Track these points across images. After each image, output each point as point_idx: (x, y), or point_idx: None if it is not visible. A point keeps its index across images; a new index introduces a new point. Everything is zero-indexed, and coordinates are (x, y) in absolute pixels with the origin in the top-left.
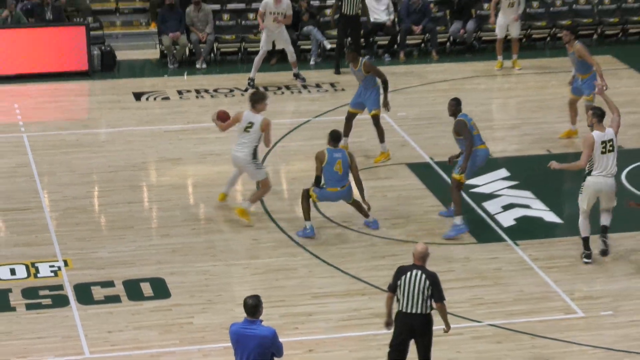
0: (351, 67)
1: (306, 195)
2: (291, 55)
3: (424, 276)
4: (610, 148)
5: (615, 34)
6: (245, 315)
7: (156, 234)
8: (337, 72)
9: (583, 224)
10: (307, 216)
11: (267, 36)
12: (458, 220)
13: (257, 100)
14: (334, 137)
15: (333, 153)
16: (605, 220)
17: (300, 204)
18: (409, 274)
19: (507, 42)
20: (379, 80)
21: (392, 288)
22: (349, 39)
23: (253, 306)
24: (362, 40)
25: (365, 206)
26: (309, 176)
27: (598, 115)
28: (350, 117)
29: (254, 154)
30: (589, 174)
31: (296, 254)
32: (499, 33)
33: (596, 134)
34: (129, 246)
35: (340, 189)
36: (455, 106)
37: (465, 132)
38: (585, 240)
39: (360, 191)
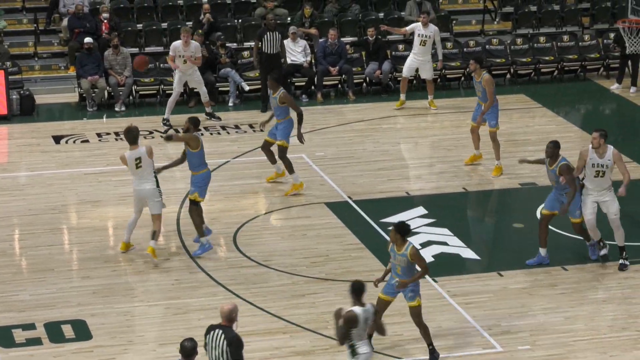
0: (270, 93)
1: (194, 208)
2: (204, 96)
3: (223, 336)
4: (602, 174)
5: (528, 73)
6: (180, 357)
7: (77, 275)
8: (264, 111)
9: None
10: (201, 232)
11: (179, 77)
12: (543, 251)
13: (135, 136)
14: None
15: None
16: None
17: (192, 219)
18: (212, 333)
19: (423, 81)
20: (293, 114)
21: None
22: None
23: (191, 348)
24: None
25: None
26: (229, 216)
27: (604, 136)
28: (264, 146)
29: (157, 184)
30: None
31: (217, 293)
32: (406, 73)
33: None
34: (50, 288)
35: None
36: (552, 149)
37: (568, 175)
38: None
39: None
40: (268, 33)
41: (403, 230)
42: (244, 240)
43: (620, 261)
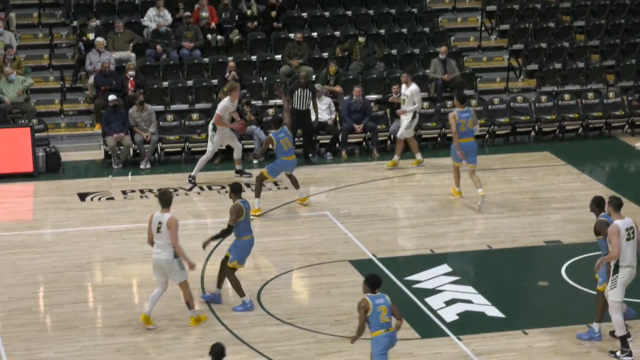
0: None
1: (231, 272)
2: (238, 152)
3: None
4: (632, 235)
5: (553, 131)
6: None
7: (101, 333)
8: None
9: (620, 321)
10: (241, 292)
11: (222, 136)
12: (597, 326)
13: (167, 200)
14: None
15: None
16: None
17: (230, 282)
18: None
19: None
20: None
21: None
22: (300, 132)
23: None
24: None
25: None
26: (253, 274)
27: (614, 204)
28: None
29: (174, 254)
30: (618, 265)
31: (241, 351)
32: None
33: (619, 222)
34: (74, 346)
35: None
36: (592, 205)
37: (604, 232)
38: (624, 339)
39: None
40: (299, 89)
41: (370, 283)
42: (267, 298)
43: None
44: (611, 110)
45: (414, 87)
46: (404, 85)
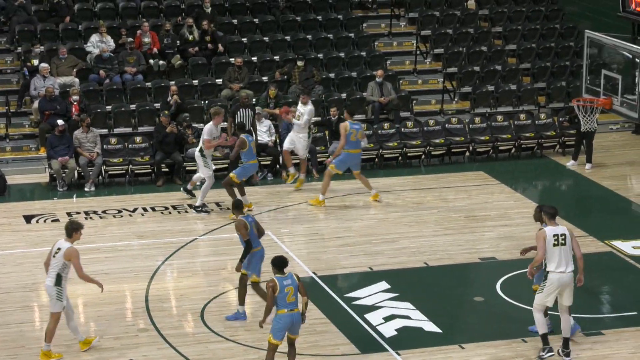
0: None
1: (257, 286)
2: (199, 175)
3: None
4: (563, 241)
5: (486, 151)
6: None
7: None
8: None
9: (541, 320)
10: (241, 301)
11: (210, 161)
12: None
13: (72, 230)
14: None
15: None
16: (565, 329)
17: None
18: None
19: (384, 159)
20: None
21: None
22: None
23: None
24: None
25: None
26: (196, 292)
27: (549, 213)
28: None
29: (57, 281)
30: (548, 271)
31: None
32: (285, 146)
33: (548, 228)
34: None
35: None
36: (537, 212)
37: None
38: (545, 337)
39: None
40: (241, 109)
41: (276, 264)
42: (211, 316)
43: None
44: (543, 131)
45: (310, 107)
46: (301, 105)
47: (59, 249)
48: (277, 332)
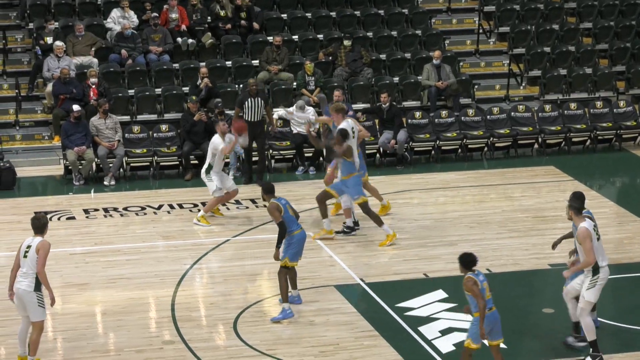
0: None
1: (284, 272)
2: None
3: None
4: (598, 234)
5: (558, 143)
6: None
7: None
8: (249, 182)
9: (590, 325)
10: (285, 297)
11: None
12: None
13: (41, 226)
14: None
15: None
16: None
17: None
18: None
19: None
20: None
21: None
22: (255, 145)
23: None
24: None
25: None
26: (229, 300)
27: (575, 208)
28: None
29: (37, 286)
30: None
31: None
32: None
33: (587, 223)
34: None
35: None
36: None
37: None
38: (595, 343)
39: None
40: (250, 99)
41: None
42: (245, 328)
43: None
44: (622, 121)
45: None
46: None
47: (28, 246)
48: (477, 336)
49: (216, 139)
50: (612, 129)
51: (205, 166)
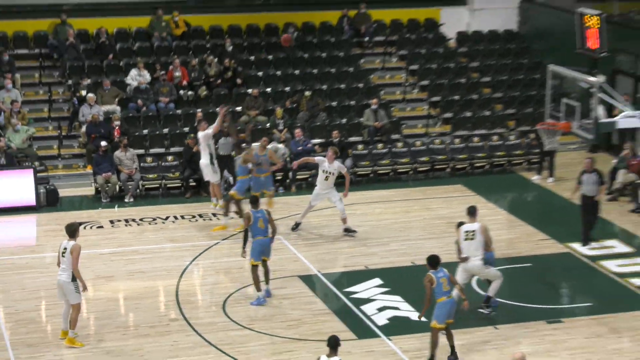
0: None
1: (252, 269)
2: (342, 212)
3: None
4: (471, 237)
5: (464, 167)
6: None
7: (93, 339)
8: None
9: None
10: (258, 287)
11: (317, 194)
12: None
13: (73, 231)
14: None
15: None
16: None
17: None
18: None
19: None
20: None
21: None
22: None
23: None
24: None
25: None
26: (219, 288)
27: (468, 211)
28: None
29: (73, 277)
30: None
31: (209, 352)
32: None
33: (463, 226)
34: (72, 350)
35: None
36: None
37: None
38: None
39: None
40: (222, 138)
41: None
42: (231, 308)
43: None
44: (512, 150)
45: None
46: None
47: (65, 248)
48: (441, 317)
49: (200, 133)
50: (505, 157)
51: (207, 157)
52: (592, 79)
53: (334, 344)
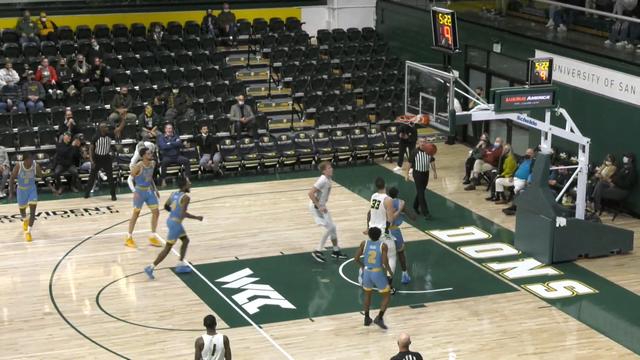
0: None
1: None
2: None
3: (414, 358)
4: (376, 206)
5: (329, 160)
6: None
7: None
8: (114, 199)
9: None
10: (157, 263)
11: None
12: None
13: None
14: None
15: None
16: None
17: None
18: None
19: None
20: None
21: None
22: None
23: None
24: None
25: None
26: (92, 281)
27: (377, 184)
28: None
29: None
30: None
31: (84, 344)
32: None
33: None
34: None
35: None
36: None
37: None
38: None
39: None
40: (100, 138)
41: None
42: (105, 301)
43: None
44: (374, 143)
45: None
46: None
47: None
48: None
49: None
50: (367, 149)
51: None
52: (446, 74)
53: (210, 323)
